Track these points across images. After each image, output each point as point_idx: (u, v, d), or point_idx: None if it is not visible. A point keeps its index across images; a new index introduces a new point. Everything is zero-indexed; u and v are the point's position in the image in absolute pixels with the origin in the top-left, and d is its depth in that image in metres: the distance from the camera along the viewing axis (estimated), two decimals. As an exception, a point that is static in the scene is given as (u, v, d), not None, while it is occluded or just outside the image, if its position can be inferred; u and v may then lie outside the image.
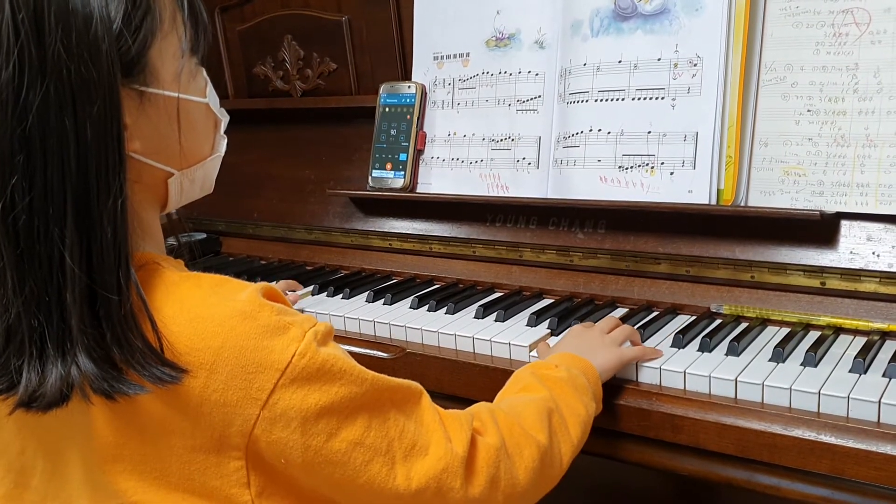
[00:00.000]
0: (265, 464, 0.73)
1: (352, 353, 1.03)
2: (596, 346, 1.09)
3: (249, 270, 1.75)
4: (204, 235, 1.94)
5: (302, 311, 1.46)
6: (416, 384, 0.82)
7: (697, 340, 1.15)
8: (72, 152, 0.65)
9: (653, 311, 1.32)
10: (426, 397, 0.82)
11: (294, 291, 1.54)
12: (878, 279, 1.17)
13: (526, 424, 0.90)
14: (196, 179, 0.82)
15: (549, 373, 1.00)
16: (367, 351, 1.34)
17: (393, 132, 1.66)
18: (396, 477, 0.75)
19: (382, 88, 1.68)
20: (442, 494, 0.78)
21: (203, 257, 1.90)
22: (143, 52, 0.71)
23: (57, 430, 0.76)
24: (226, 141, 0.87)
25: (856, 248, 1.19)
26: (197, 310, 0.70)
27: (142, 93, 0.72)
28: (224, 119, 0.86)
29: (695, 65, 1.29)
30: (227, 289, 0.73)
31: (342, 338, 1.38)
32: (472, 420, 0.85)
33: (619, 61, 1.36)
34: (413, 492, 0.76)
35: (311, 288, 1.57)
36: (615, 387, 1.09)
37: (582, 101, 1.40)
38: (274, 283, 1.49)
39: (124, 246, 0.69)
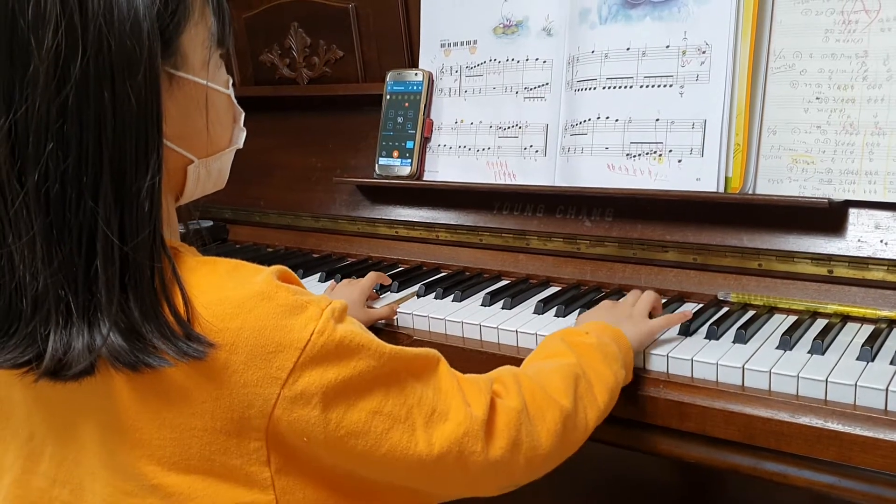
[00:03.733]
0: (286, 443, 0.73)
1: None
2: (625, 318, 1.11)
3: (256, 258, 1.75)
4: (210, 223, 1.94)
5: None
6: (433, 352, 0.82)
7: (705, 328, 1.15)
8: (109, 125, 0.66)
9: (661, 299, 1.32)
10: (444, 363, 0.83)
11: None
12: (885, 267, 1.17)
13: (550, 388, 0.90)
14: (212, 170, 0.84)
15: (578, 339, 1.01)
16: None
17: (400, 120, 1.66)
18: (418, 443, 0.76)
19: (389, 76, 1.68)
20: (464, 458, 0.79)
21: (210, 244, 1.91)
22: (175, 35, 0.73)
23: (70, 415, 0.76)
24: (244, 134, 0.90)
25: (864, 236, 1.19)
26: (214, 293, 0.71)
27: (171, 76, 0.74)
28: (242, 113, 0.88)
29: (703, 52, 1.28)
30: (242, 272, 0.74)
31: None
32: (491, 383, 0.86)
33: (628, 49, 1.35)
34: (435, 457, 0.77)
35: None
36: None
37: (590, 89, 1.40)
38: (355, 278, 1.44)
39: (159, 220, 0.70)
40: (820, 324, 1.16)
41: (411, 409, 0.76)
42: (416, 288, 1.45)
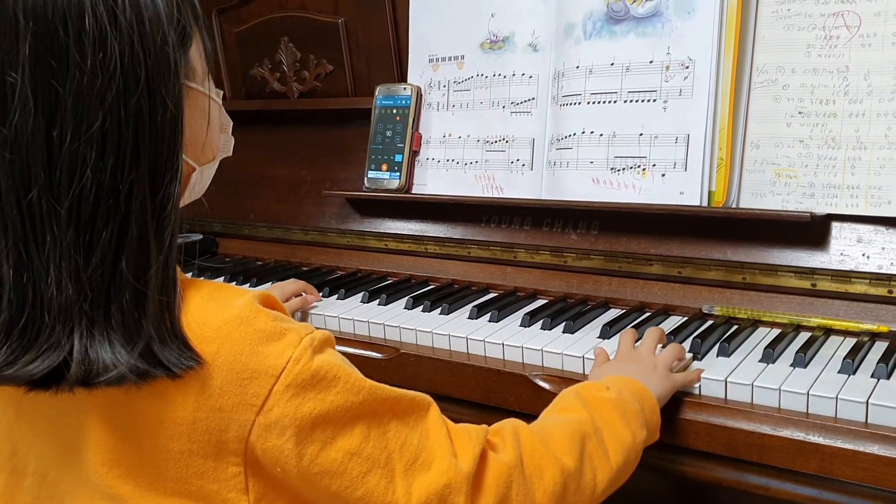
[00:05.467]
0: (264, 472, 0.72)
1: (346, 354, 1.03)
2: (650, 370, 1.03)
3: (245, 271, 1.76)
4: (200, 236, 1.94)
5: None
6: (424, 396, 0.79)
7: (689, 342, 1.16)
8: (147, 134, 0.67)
9: (645, 312, 1.33)
10: (434, 410, 0.79)
11: (301, 295, 1.52)
12: (868, 280, 1.18)
13: (553, 445, 0.85)
14: (204, 178, 0.84)
15: (596, 394, 0.94)
16: (362, 352, 1.34)
17: (389, 133, 1.66)
18: (396, 491, 0.73)
19: (378, 90, 1.69)
20: None
21: (199, 258, 1.91)
22: (187, 48, 0.74)
23: (51, 433, 0.76)
24: (233, 142, 0.90)
25: (846, 249, 1.20)
26: (193, 315, 0.70)
27: (185, 86, 0.75)
28: (230, 123, 0.89)
29: (686, 67, 1.30)
30: (224, 295, 0.73)
31: (337, 339, 1.37)
32: (484, 435, 0.81)
33: (612, 64, 1.37)
34: None
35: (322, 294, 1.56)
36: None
37: (575, 104, 1.41)
38: (286, 282, 1.51)
39: (178, 226, 0.71)
40: (803, 337, 1.17)
41: (392, 453, 0.73)
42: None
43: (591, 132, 1.39)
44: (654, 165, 1.32)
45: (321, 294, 1.55)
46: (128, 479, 0.73)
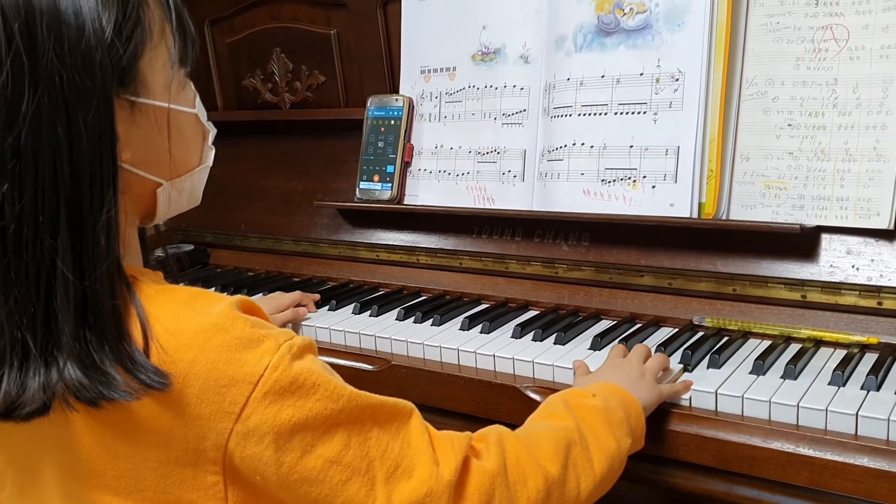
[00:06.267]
0: (244, 480, 0.72)
1: (337, 366, 1.03)
2: (636, 379, 1.03)
3: (237, 282, 1.75)
4: (192, 247, 1.94)
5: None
6: (406, 403, 0.78)
7: (679, 353, 1.16)
8: (65, 161, 0.65)
9: (636, 324, 1.33)
10: (417, 417, 0.78)
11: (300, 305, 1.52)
12: (857, 292, 1.19)
13: (538, 453, 0.84)
14: (184, 190, 0.83)
15: (583, 401, 0.94)
16: (352, 363, 1.34)
17: (380, 144, 1.67)
18: (376, 499, 0.73)
19: (370, 101, 1.69)
20: None
21: (191, 269, 1.91)
22: (133, 62, 0.71)
23: (31, 444, 0.76)
24: (213, 152, 0.88)
25: (836, 261, 1.21)
26: (171, 322, 0.70)
27: (132, 103, 0.73)
28: (212, 131, 0.86)
29: (676, 79, 1.30)
30: (201, 302, 0.72)
31: (328, 350, 1.39)
32: (467, 442, 0.81)
33: (602, 76, 1.37)
34: None
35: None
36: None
37: (566, 116, 1.42)
38: (286, 294, 1.50)
39: (116, 253, 0.69)
40: (793, 349, 1.17)
41: (373, 461, 0.73)
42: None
43: (582, 144, 1.39)
44: (644, 177, 1.33)
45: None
46: (106, 490, 0.72)
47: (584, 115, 1.39)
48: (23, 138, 0.64)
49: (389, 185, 1.64)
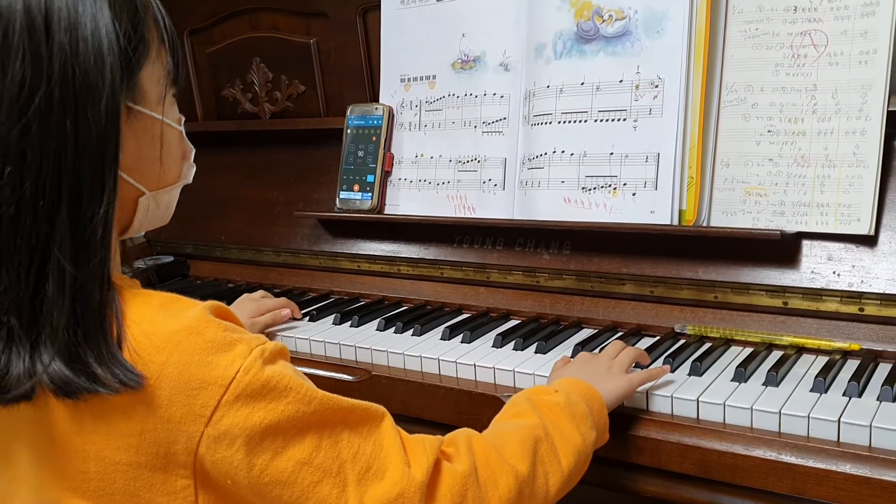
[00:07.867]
0: (214, 485, 0.72)
1: (317, 377, 1.02)
2: (603, 372, 1.05)
3: (217, 293, 1.73)
4: (171, 258, 1.92)
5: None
6: (378, 406, 0.80)
7: (660, 361, 1.15)
8: (69, 151, 0.67)
9: (618, 332, 1.32)
10: (388, 420, 0.80)
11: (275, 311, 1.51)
12: (839, 298, 1.18)
13: (506, 452, 0.86)
14: (161, 203, 0.84)
15: (546, 398, 0.96)
16: (333, 374, 1.33)
17: (360, 154, 1.65)
18: (349, 500, 0.73)
19: (350, 110, 1.68)
20: None
21: (170, 280, 1.89)
22: (136, 70, 0.75)
23: (4, 440, 0.76)
24: (194, 170, 0.90)
25: (817, 267, 1.20)
26: (144, 325, 0.70)
27: (130, 109, 0.75)
28: (192, 150, 0.89)
29: (656, 86, 1.30)
30: (176, 306, 0.73)
31: (308, 361, 1.37)
32: (438, 445, 0.82)
33: (582, 83, 1.37)
34: None
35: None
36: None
37: (545, 123, 1.41)
38: (270, 300, 1.50)
39: (108, 246, 0.71)
40: (775, 355, 1.17)
41: (344, 463, 0.74)
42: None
43: (563, 151, 1.38)
44: (624, 185, 1.32)
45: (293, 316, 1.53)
46: (75, 493, 0.72)
47: (564, 122, 1.38)
48: (33, 126, 0.66)
49: (370, 194, 1.63)
